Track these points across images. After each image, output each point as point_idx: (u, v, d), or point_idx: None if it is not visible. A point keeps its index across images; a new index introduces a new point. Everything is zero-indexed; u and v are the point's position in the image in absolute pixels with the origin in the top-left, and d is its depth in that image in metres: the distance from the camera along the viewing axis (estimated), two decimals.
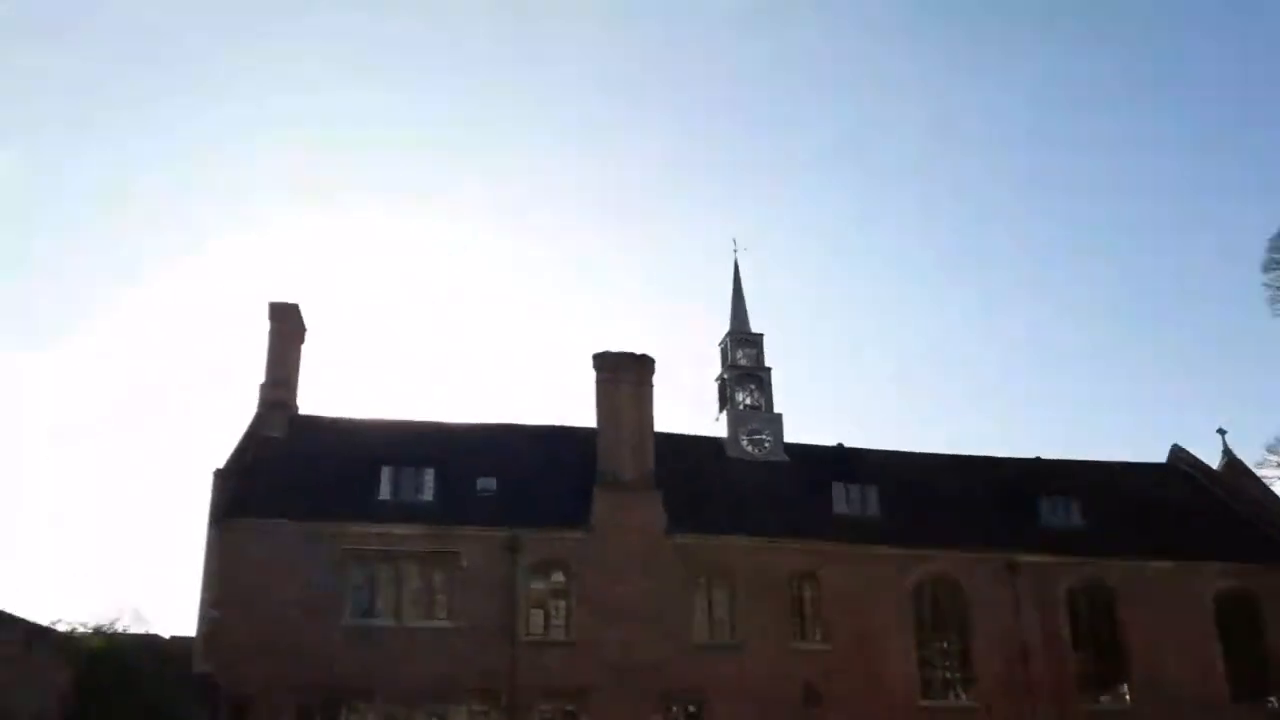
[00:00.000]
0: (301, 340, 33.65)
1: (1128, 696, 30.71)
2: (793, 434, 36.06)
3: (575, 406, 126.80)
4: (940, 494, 33.54)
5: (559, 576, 29.02)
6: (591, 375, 32.13)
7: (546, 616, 28.73)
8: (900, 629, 30.01)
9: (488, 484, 30.64)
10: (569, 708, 27.55)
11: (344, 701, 26.44)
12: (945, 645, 30.74)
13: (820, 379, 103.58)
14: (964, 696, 30.18)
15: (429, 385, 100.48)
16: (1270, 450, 40.82)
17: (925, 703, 29.46)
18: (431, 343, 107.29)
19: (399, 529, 28.29)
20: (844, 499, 32.69)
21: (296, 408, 32.78)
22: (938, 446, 40.01)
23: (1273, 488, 38.51)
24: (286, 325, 32.90)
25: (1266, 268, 37.06)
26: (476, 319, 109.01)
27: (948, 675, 30.58)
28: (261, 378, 32.03)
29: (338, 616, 27.13)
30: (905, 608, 30.35)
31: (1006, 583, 30.80)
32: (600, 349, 32.26)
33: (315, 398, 34.14)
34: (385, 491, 29.49)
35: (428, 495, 29.61)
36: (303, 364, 33.60)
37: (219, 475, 27.60)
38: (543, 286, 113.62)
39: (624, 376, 31.90)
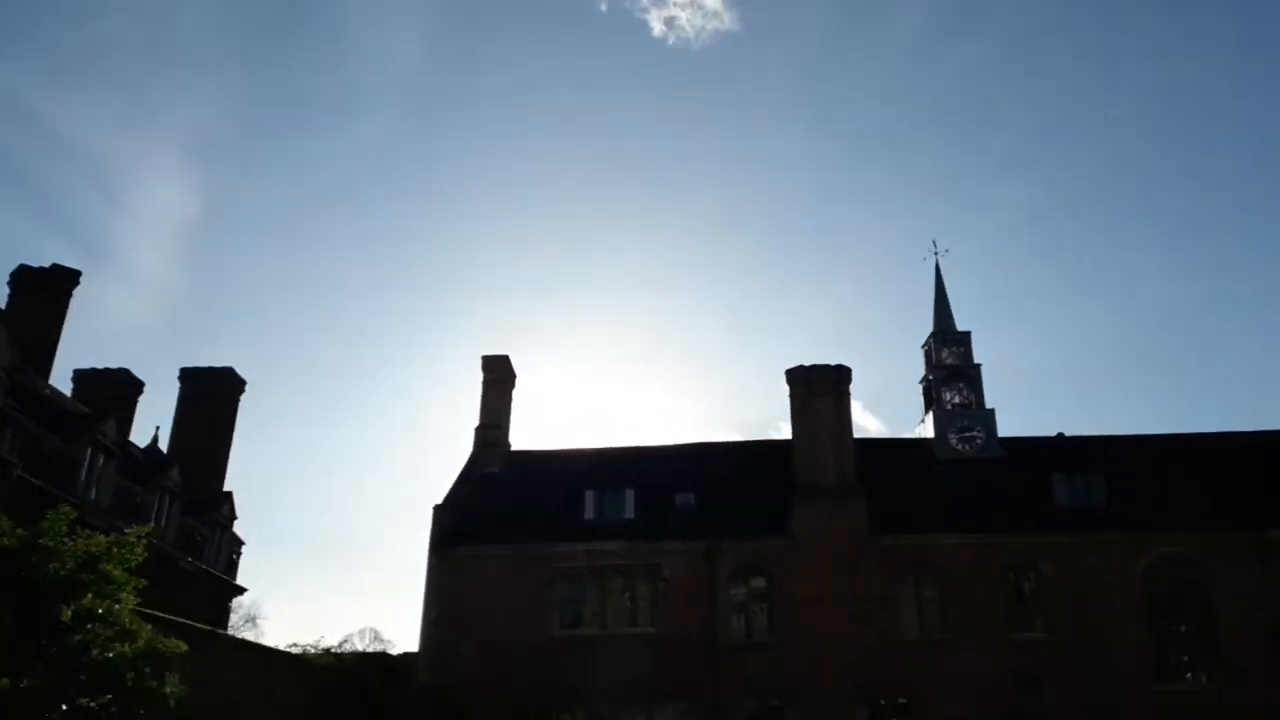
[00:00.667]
0: (512, 385, 36.75)
1: None
2: (1007, 429, 34.98)
3: (775, 420, 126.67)
4: (1171, 476, 30.90)
5: (760, 582, 29.51)
6: (785, 391, 32.63)
7: (748, 620, 29.24)
8: (1130, 614, 27.77)
9: (686, 499, 31.81)
10: (774, 703, 27.73)
11: (555, 703, 28.16)
12: (1183, 629, 28.01)
13: (1031, 373, 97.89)
14: (1202, 679, 27.40)
15: (629, 411, 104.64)
16: None
17: (1159, 686, 26.95)
18: (630, 370, 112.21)
19: (603, 546, 29.99)
20: (1065, 488, 30.95)
21: (509, 445, 35.71)
22: (1162, 428, 36.93)
23: None
24: (497, 374, 36.09)
25: None
26: (673, 342, 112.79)
27: (1185, 658, 27.82)
28: (476, 421, 35.28)
29: (547, 628, 29.05)
30: (1136, 592, 28.07)
31: (1253, 562, 27.68)
32: (794, 364, 32.79)
33: (526, 434, 37.30)
34: (590, 512, 31.38)
35: (629, 513, 31.18)
36: (514, 406, 36.68)
37: (437, 510, 30.68)
38: (740, 303, 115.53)
39: (819, 389, 32.17)
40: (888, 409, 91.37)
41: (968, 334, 38.07)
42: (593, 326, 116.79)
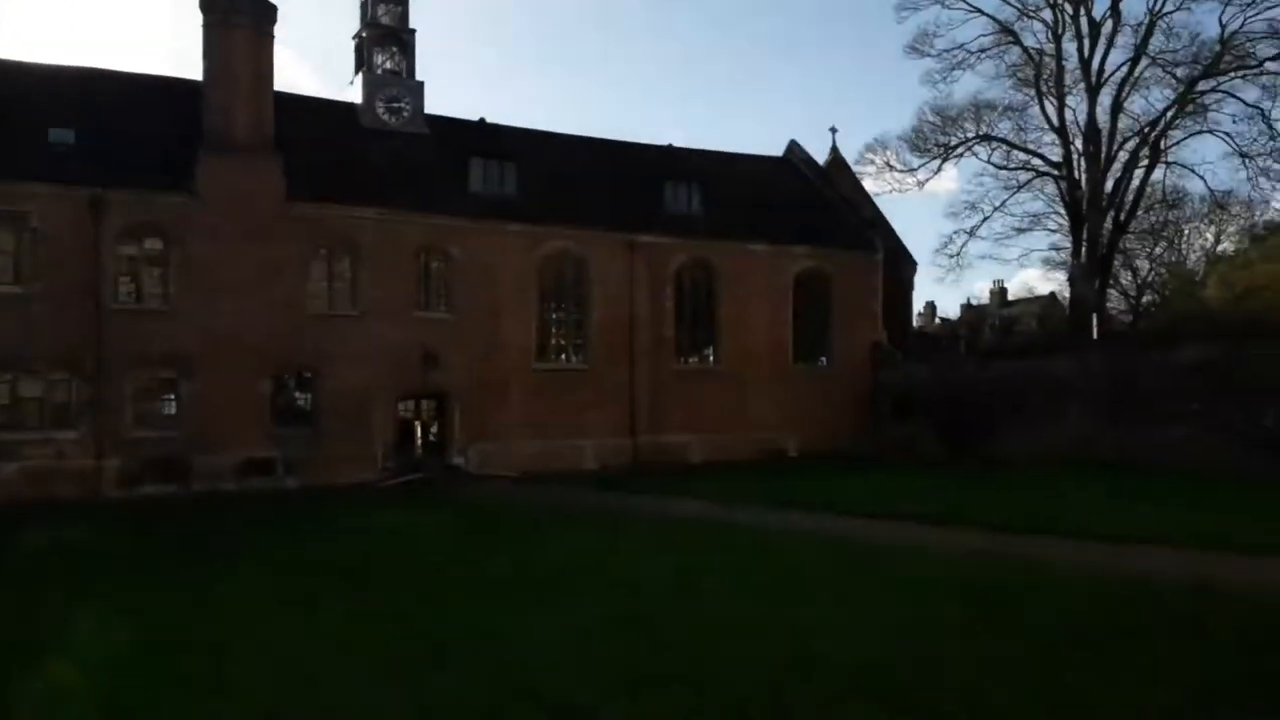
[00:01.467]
0: None
1: (712, 359, 34.92)
2: (434, 104, 34.61)
3: (180, 61, 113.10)
4: (574, 175, 34.13)
5: (155, 243, 26.58)
6: (199, 20, 28.00)
7: (139, 285, 26.52)
8: (523, 302, 31.24)
9: (64, 136, 26.57)
10: (166, 375, 26.34)
11: None
12: (564, 316, 32.61)
13: (466, 46, 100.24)
14: (575, 360, 32.69)
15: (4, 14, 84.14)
16: (868, 149, 45.62)
17: (538, 365, 31.58)
18: None
19: None
20: (481, 176, 32.29)
21: None
22: (576, 129, 40.46)
23: (864, 183, 43.48)
24: None
25: None
26: None
27: (561, 342, 32.75)
28: None
29: None
30: (530, 281, 31.45)
31: (625, 261, 32.73)
32: None
33: None
34: None
35: None
36: None
37: None
38: None
39: (238, 20, 28.07)
40: (323, 64, 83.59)
41: None
42: None
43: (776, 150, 41.93)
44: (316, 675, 8.30)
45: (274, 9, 29.08)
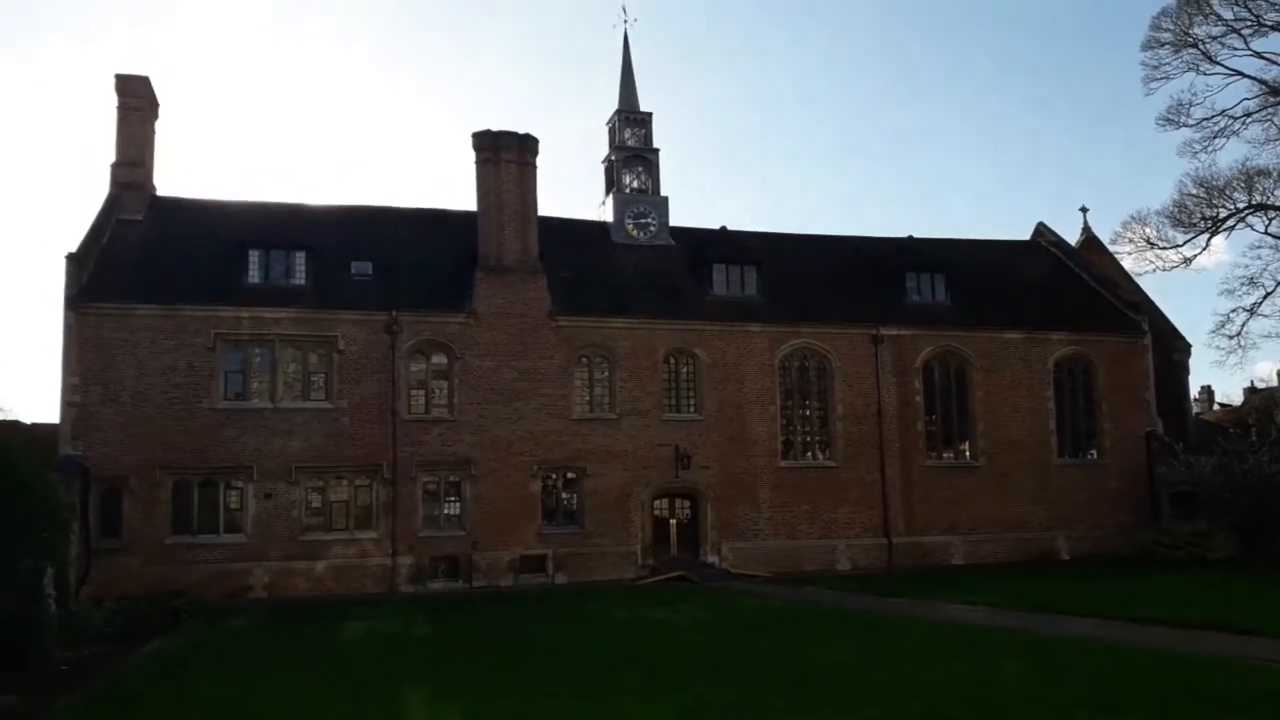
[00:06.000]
0: (155, 116, 31.57)
1: (968, 453, 33.63)
2: (679, 217, 36.46)
3: (456, 192, 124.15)
4: (814, 273, 34.65)
5: (440, 359, 29.43)
6: (471, 157, 31.33)
7: (428, 396, 29.34)
8: (767, 399, 31.72)
9: (363, 268, 30.24)
10: (452, 478, 28.76)
11: (221, 476, 27.03)
12: (807, 413, 32.72)
13: (707, 162, 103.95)
14: (820, 457, 32.57)
15: (297, 167, 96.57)
16: (1125, 227, 43.07)
17: (784, 463, 31.75)
18: (297, 122, 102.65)
19: (272, 312, 27.97)
20: (724, 281, 33.49)
21: (154, 189, 31.21)
22: (816, 228, 41.02)
23: (1123, 262, 41.00)
24: (136, 99, 30.63)
25: (1146, 46, 37.67)
26: (345, 98, 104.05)
27: (807, 439, 32.78)
28: (113, 157, 30.13)
29: (210, 398, 27.17)
30: (773, 380, 31.93)
31: (869, 354, 32.57)
32: (480, 128, 31.27)
33: (175, 179, 32.72)
34: (255, 275, 28.81)
35: (299, 279, 29.07)
36: (158, 143, 31.78)
37: (71, 259, 26.42)
38: (417, 61, 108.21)
39: (505, 156, 31.17)
40: (566, 189, 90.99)
41: (649, 115, 38.47)
42: (248, 53, 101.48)
43: (1023, 235, 40.65)
44: None
45: (536, 142, 31.92)
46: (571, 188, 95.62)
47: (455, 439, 28.73)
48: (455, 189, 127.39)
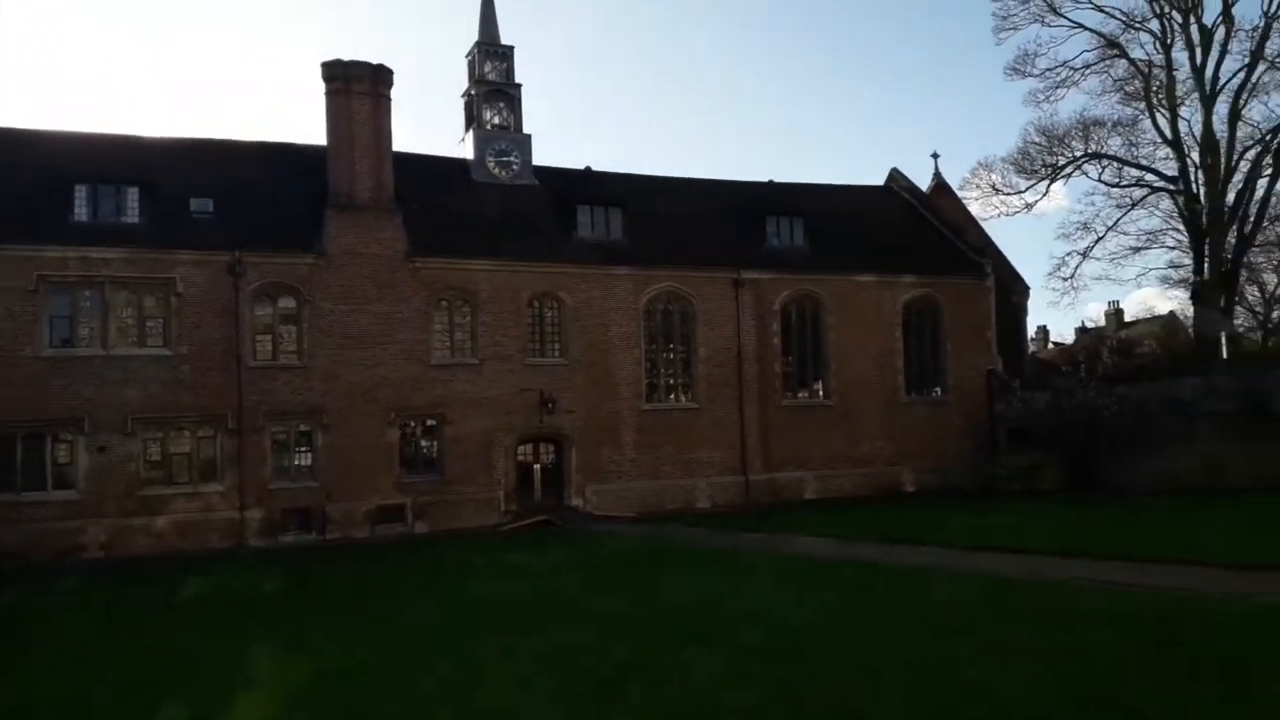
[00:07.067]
0: None
1: (821, 392, 34.72)
2: (542, 157, 35.73)
3: (314, 129, 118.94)
4: (679, 216, 34.64)
5: (289, 302, 28.09)
6: (321, 89, 29.69)
7: (275, 342, 28.02)
8: (631, 343, 31.78)
9: (204, 205, 28.44)
10: (303, 427, 27.69)
11: (49, 429, 25.28)
12: (670, 356, 33.01)
13: (571, 100, 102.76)
14: (683, 399, 33.00)
15: (141, 100, 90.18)
16: (973, 173, 44.98)
17: (648, 406, 32.00)
18: (132, 50, 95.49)
19: (101, 253, 26.06)
20: (589, 223, 33.10)
21: None
22: (680, 170, 41.08)
23: (970, 207, 42.87)
24: None
25: None
26: (194, 26, 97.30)
27: (670, 381, 33.11)
28: None
29: (34, 347, 25.23)
30: (637, 323, 31.98)
31: (731, 298, 32.99)
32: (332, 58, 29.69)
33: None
34: (82, 212, 26.71)
35: (132, 217, 27.13)
36: None
37: None
38: None
39: (357, 87, 29.67)
40: (429, 126, 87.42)
41: (511, 49, 37.30)
42: None
43: (878, 180, 41.81)
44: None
45: (390, 73, 30.48)
46: (435, 124, 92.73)
47: (306, 387, 27.61)
48: (314, 126, 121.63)
